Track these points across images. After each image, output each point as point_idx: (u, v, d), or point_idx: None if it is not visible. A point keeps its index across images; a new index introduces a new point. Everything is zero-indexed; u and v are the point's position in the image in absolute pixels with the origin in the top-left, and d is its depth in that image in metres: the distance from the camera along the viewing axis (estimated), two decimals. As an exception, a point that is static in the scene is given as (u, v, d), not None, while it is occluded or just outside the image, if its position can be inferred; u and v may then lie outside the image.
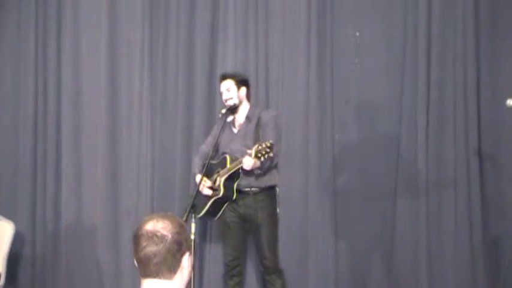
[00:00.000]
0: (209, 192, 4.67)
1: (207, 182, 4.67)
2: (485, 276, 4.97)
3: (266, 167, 4.60)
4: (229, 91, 4.77)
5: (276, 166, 4.72)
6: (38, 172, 5.78)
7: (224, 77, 4.84)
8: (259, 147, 4.34)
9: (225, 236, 4.83)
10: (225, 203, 4.69)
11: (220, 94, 4.85)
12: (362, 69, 5.36)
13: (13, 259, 5.49)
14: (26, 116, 5.82)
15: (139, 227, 2.14)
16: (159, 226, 2.12)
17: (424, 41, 5.16)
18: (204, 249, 5.39)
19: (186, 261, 2.14)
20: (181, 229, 2.15)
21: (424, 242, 5.07)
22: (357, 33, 5.34)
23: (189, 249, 2.15)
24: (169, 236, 2.10)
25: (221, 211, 4.72)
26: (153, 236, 2.10)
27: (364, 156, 5.32)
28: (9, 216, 5.48)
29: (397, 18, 5.31)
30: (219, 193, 4.63)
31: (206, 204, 4.69)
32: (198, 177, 4.75)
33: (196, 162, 4.91)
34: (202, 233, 5.36)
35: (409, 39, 5.23)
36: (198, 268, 5.33)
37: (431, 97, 5.14)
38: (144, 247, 2.10)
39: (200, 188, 4.66)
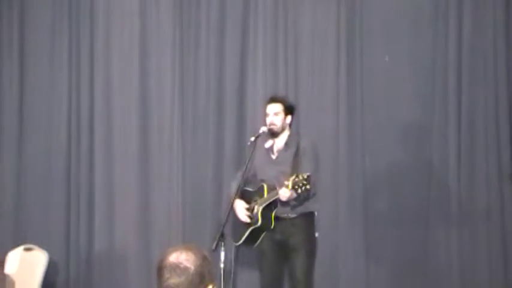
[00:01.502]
0: (247, 219, 4.63)
1: (244, 209, 4.65)
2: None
3: (303, 198, 4.51)
4: (278, 115, 4.67)
5: (314, 195, 4.61)
6: (71, 201, 5.83)
7: (274, 100, 4.74)
8: (296, 179, 4.27)
9: (261, 265, 4.74)
10: (263, 232, 4.61)
11: (266, 115, 4.73)
12: (392, 93, 5.33)
13: (47, 287, 5.55)
14: (59, 144, 5.88)
15: (163, 259, 2.13)
16: (182, 258, 2.10)
17: (454, 65, 5.14)
18: (237, 277, 5.35)
19: (209, 293, 2.13)
20: (205, 261, 2.13)
21: (457, 270, 5.01)
22: (386, 58, 5.31)
23: (212, 281, 2.13)
24: (192, 268, 2.08)
25: (260, 239, 4.64)
26: (176, 267, 2.08)
27: (395, 181, 5.27)
28: (43, 244, 5.54)
29: (427, 42, 5.28)
30: (258, 223, 4.57)
31: (245, 232, 4.65)
32: (237, 202, 4.69)
33: (233, 187, 4.80)
34: (234, 261, 5.32)
35: (438, 62, 5.22)
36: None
37: (462, 122, 5.09)
38: (167, 279, 2.08)
39: (239, 215, 4.66)
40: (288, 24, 5.56)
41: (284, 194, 4.37)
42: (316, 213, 4.66)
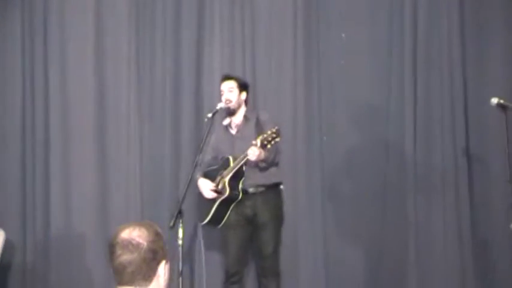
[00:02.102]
0: (214, 195, 4.63)
1: (211, 185, 4.64)
2: (474, 277, 4.99)
3: (271, 159, 4.54)
4: (232, 91, 4.72)
5: (277, 164, 4.67)
6: (27, 181, 5.73)
7: (228, 78, 4.80)
8: (265, 135, 4.30)
9: (228, 240, 4.71)
10: (231, 204, 4.59)
11: (221, 94, 4.78)
12: (349, 71, 5.36)
13: (3, 268, 5.48)
14: (13, 125, 5.77)
15: (115, 235, 2.11)
16: (134, 234, 2.09)
17: (410, 42, 5.19)
18: (195, 255, 5.37)
19: (162, 269, 2.11)
20: (157, 237, 2.12)
21: (413, 243, 5.09)
22: (343, 35, 5.34)
23: (165, 257, 2.13)
24: (145, 244, 2.07)
25: (226, 216, 4.62)
26: (128, 244, 2.07)
27: (352, 158, 5.32)
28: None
29: (383, 20, 5.32)
30: (225, 193, 4.57)
31: (211, 208, 4.63)
32: (201, 181, 4.72)
33: (198, 172, 4.78)
34: (193, 239, 5.33)
35: (395, 40, 5.26)
36: (189, 275, 5.31)
37: (418, 98, 5.17)
38: (119, 255, 2.07)
39: (204, 193, 4.65)
40: (245, 4, 5.53)
41: (253, 153, 4.34)
42: (282, 186, 4.70)
